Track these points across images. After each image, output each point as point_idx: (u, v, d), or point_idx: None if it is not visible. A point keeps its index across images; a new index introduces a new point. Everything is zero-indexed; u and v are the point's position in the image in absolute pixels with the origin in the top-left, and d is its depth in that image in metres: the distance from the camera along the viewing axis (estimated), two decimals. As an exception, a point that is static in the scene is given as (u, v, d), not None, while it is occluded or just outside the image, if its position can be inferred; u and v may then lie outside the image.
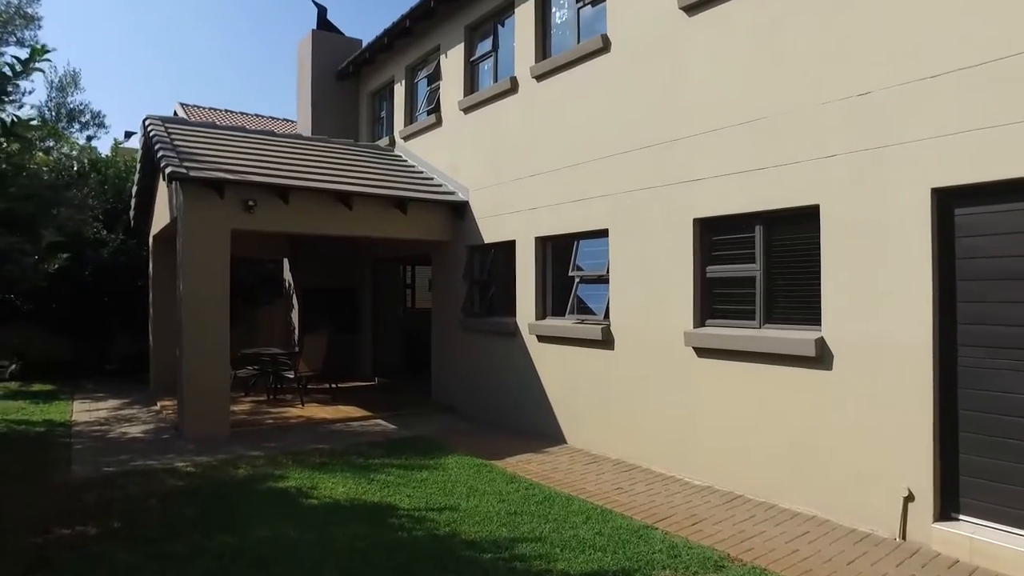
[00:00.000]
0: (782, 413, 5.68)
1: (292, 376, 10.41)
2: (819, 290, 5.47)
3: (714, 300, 6.48)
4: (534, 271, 8.55)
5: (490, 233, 9.43)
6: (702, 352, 6.37)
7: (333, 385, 11.04)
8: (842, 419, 5.23)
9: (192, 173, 7.83)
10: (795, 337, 5.54)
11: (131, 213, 12.15)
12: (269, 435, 8.36)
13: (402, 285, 13.64)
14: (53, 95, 9.38)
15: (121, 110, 51.22)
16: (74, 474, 6.60)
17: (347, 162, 10.34)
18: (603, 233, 7.59)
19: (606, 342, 7.40)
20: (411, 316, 13.55)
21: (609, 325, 7.38)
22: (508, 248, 9.10)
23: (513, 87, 8.97)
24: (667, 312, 6.72)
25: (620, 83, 7.34)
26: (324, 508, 5.59)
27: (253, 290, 14.87)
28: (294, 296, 14.04)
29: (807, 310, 5.66)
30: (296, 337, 13.47)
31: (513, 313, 8.92)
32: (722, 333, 6.18)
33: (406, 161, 11.48)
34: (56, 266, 10.31)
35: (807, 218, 5.59)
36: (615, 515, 5.47)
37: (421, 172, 10.92)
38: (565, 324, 8.00)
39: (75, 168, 12.93)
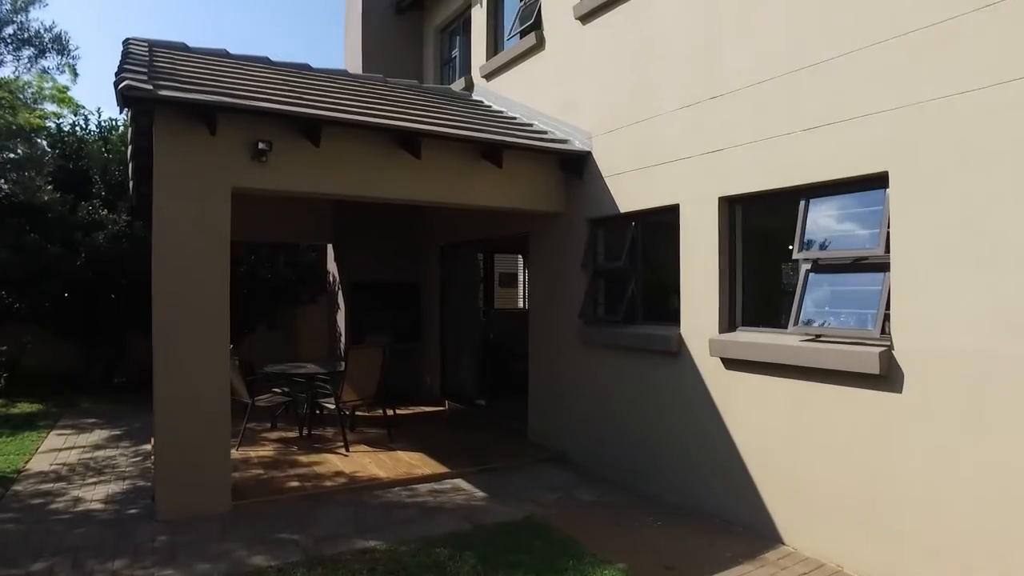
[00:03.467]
0: None
1: (334, 407, 7.33)
2: None
3: None
4: (717, 253, 5.21)
5: (629, 197, 6.14)
6: None
7: (390, 413, 7.91)
8: None
9: (163, 92, 4.77)
10: None
11: (130, 185, 9.29)
12: (291, 514, 5.27)
13: (479, 279, 10.43)
14: (5, 7, 6.42)
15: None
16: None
17: (410, 102, 7.20)
18: (871, 182, 4.22)
19: (884, 378, 4.03)
20: (495, 320, 10.33)
21: (890, 348, 4.01)
22: (664, 219, 5.79)
23: (671, -37, 5.66)
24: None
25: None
26: None
27: (293, 286, 12.01)
28: (339, 293, 11.00)
29: None
30: (342, 347, 10.43)
31: (675, 320, 5.62)
32: None
33: (490, 106, 8.29)
34: None
35: None
36: None
37: (514, 117, 7.70)
38: (783, 342, 4.66)
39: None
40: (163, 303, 5.03)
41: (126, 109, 4.90)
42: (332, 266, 11.57)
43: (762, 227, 5.21)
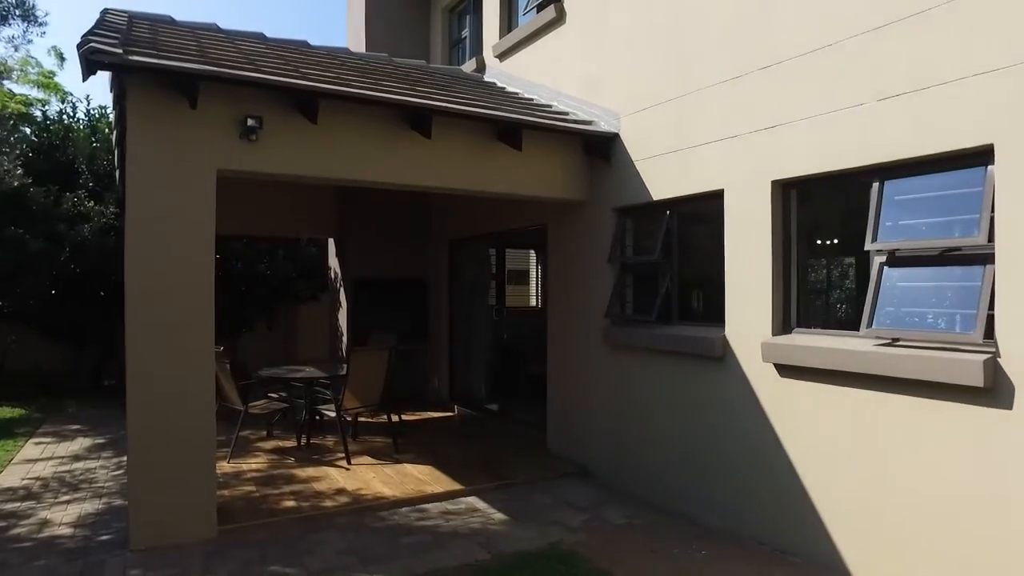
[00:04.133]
0: None
1: (334, 413, 6.70)
2: None
3: None
4: (769, 244, 4.55)
5: (663, 183, 5.49)
6: None
7: (395, 419, 7.27)
8: None
9: (134, 58, 4.13)
10: None
11: (116, 174, 8.68)
12: (285, 540, 4.64)
13: (491, 275, 9.78)
14: None
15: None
16: None
17: (417, 80, 6.56)
18: (968, 159, 3.56)
19: (988, 391, 3.37)
20: (507, 319, 9.68)
21: (995, 355, 3.36)
22: (704, 206, 5.15)
23: (714, -83, 5.00)
24: None
25: None
26: None
27: (293, 283, 11.37)
28: (341, 290, 10.37)
29: None
30: (344, 348, 9.80)
31: (717, 321, 4.97)
32: None
33: (504, 87, 7.63)
34: None
35: None
36: None
37: (531, 98, 7.05)
38: (853, 346, 4.00)
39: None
40: (137, 301, 4.40)
41: (91, 77, 4.25)
42: (334, 261, 10.94)
43: (822, 214, 4.57)
